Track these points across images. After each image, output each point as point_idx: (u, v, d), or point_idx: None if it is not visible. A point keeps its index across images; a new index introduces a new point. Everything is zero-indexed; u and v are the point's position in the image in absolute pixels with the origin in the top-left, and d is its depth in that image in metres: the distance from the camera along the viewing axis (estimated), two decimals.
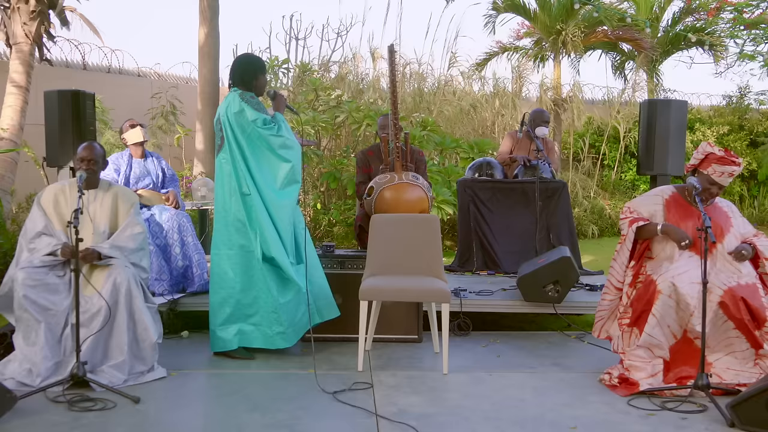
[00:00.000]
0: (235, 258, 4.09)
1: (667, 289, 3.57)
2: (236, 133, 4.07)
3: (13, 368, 3.59)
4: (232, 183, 4.08)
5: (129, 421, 3.19)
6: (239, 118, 4.06)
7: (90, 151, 3.89)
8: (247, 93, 4.14)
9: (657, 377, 3.59)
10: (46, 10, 7.90)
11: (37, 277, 3.65)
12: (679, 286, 3.55)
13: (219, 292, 4.13)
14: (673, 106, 5.75)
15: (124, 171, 5.11)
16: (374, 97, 9.53)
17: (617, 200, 11.36)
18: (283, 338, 4.11)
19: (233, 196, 4.08)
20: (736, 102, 13.84)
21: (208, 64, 8.47)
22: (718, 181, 3.71)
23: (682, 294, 3.54)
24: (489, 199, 6.09)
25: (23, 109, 7.76)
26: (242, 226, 4.07)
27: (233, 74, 4.20)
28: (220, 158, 4.14)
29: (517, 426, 3.18)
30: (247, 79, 4.18)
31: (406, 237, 4.33)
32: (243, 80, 4.18)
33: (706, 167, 3.73)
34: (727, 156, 3.69)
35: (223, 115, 4.12)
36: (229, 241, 4.10)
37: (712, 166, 3.70)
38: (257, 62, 4.30)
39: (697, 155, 3.79)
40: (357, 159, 5.70)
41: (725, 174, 3.70)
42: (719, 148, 3.76)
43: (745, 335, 3.56)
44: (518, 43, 13.21)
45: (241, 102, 4.08)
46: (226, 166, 4.11)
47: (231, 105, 4.09)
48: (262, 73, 4.25)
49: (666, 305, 3.58)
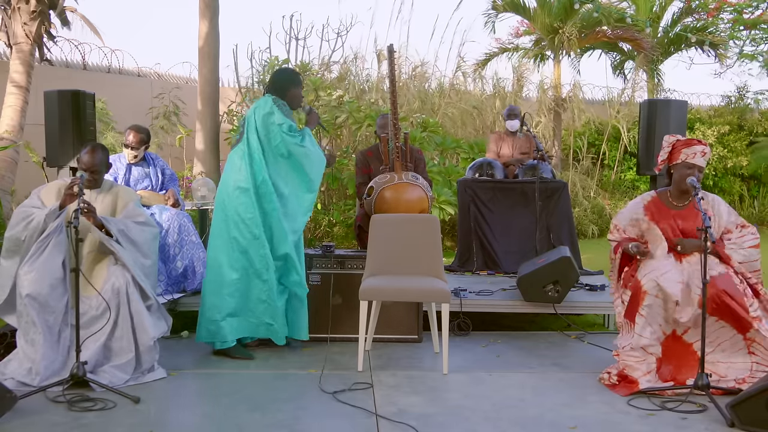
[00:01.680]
0: (229, 250, 4.10)
1: (653, 289, 3.63)
2: (260, 133, 4.10)
3: (13, 367, 3.60)
4: (239, 176, 4.09)
5: (129, 421, 3.19)
6: (267, 119, 4.10)
7: (93, 159, 3.88)
8: (280, 100, 4.19)
9: (652, 374, 3.62)
10: (46, 10, 7.91)
11: (37, 276, 3.65)
12: (664, 285, 3.61)
13: (211, 282, 4.16)
14: (673, 106, 5.75)
15: (123, 175, 5.11)
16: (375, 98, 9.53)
17: (617, 200, 11.36)
18: (268, 330, 4.16)
19: (236, 190, 4.08)
20: (735, 102, 13.84)
21: (208, 64, 8.46)
22: (694, 162, 3.74)
23: (668, 293, 3.59)
24: (489, 199, 6.10)
25: (23, 109, 7.77)
26: (240, 221, 4.07)
27: (270, 83, 4.28)
28: (235, 151, 4.17)
29: (517, 426, 3.18)
30: (282, 88, 4.23)
31: (406, 237, 4.33)
32: (277, 89, 4.23)
33: (677, 156, 3.78)
34: (691, 139, 3.79)
35: (250, 115, 4.15)
36: (227, 234, 4.11)
37: (682, 151, 3.76)
38: (293, 75, 4.38)
39: (664, 150, 3.84)
40: (356, 160, 5.70)
41: (697, 154, 3.74)
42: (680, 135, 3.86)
43: (729, 322, 3.59)
44: (517, 41, 13.21)
45: (273, 105, 4.13)
46: (238, 161, 4.12)
47: (261, 106, 4.14)
48: (295, 86, 4.29)
49: (653, 304, 3.62)
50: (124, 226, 3.86)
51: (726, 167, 12.21)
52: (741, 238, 3.77)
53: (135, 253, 3.86)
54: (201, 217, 6.56)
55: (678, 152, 3.78)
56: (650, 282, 3.64)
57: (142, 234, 3.92)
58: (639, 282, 3.70)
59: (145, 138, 5.20)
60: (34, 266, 3.65)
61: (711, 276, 3.59)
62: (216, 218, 4.19)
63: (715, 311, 3.58)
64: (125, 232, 3.84)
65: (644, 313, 3.63)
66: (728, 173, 12.30)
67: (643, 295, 3.64)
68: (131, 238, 3.86)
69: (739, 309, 3.55)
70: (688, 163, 3.74)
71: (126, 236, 3.84)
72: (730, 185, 12.29)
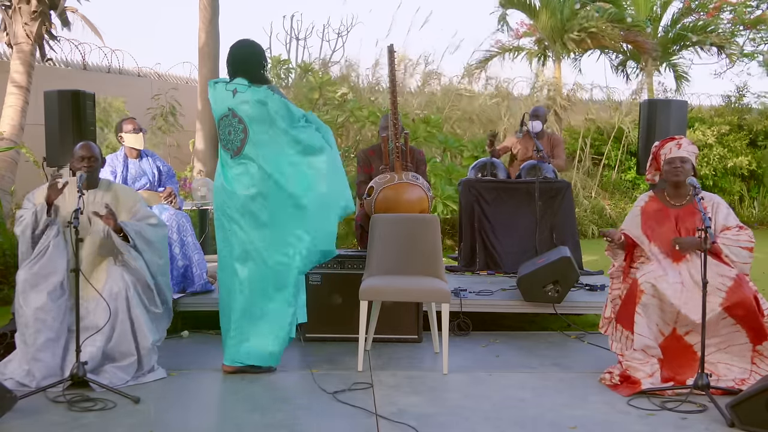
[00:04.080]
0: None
1: (649, 289, 3.64)
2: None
3: (13, 368, 3.60)
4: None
5: (129, 421, 3.19)
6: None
7: (89, 150, 3.89)
8: (276, 88, 3.90)
9: (655, 376, 3.61)
10: (47, 10, 7.92)
11: (37, 277, 3.65)
12: (660, 287, 3.62)
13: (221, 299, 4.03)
14: (673, 106, 5.74)
15: (121, 172, 5.11)
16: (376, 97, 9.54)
17: (617, 200, 11.36)
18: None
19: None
20: (735, 101, 13.84)
21: (208, 64, 8.47)
22: (676, 155, 3.77)
23: (664, 294, 3.60)
24: (492, 200, 6.09)
25: (24, 109, 7.77)
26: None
27: (256, 65, 3.84)
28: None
29: (517, 426, 3.18)
30: (264, 69, 3.92)
31: (406, 237, 4.33)
32: (258, 70, 3.85)
33: (660, 159, 3.85)
34: (665, 139, 3.89)
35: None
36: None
37: (660, 153, 3.85)
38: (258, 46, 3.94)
39: (648, 161, 3.97)
40: (358, 158, 5.70)
41: (672, 148, 3.79)
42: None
43: (747, 329, 3.58)
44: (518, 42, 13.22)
45: (283, 100, 3.80)
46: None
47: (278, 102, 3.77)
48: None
49: (650, 304, 3.63)
50: (140, 228, 3.87)
51: (726, 167, 12.20)
52: (737, 236, 3.76)
53: (150, 254, 3.87)
54: (201, 217, 6.57)
55: (658, 156, 3.86)
56: (646, 283, 3.65)
57: (156, 234, 3.94)
58: (636, 281, 3.71)
59: (140, 125, 5.26)
60: (34, 269, 3.66)
61: (733, 280, 3.59)
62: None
63: (736, 314, 3.57)
64: (142, 234, 3.85)
65: (641, 311, 3.64)
66: (728, 173, 12.30)
67: (640, 294, 3.65)
68: (147, 239, 3.87)
69: (761, 319, 3.55)
70: (668, 159, 3.79)
71: (143, 238, 3.85)
72: (730, 185, 12.28)
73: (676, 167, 3.76)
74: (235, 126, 3.77)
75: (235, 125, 3.77)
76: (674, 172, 3.76)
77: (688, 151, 3.77)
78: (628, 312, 3.71)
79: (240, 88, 3.76)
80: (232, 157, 3.81)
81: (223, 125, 3.82)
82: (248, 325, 3.83)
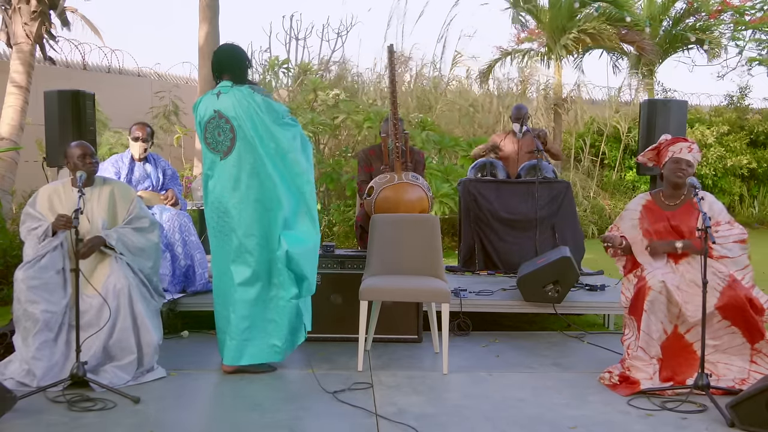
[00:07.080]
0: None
1: (658, 285, 3.64)
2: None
3: (13, 368, 3.59)
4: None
5: (129, 421, 3.19)
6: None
7: (87, 147, 3.90)
8: (259, 88, 3.99)
9: (655, 378, 3.61)
10: (47, 10, 7.92)
11: (36, 276, 3.65)
12: (669, 284, 3.63)
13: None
14: (673, 106, 5.74)
15: (125, 175, 5.11)
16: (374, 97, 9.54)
17: (617, 200, 11.37)
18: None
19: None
20: (736, 101, 13.85)
21: (207, 64, 8.40)
22: (682, 157, 3.76)
23: (672, 292, 3.61)
24: (492, 199, 6.09)
25: (23, 109, 7.77)
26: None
27: (238, 66, 3.95)
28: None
29: (517, 426, 3.18)
30: (246, 70, 4.00)
31: (406, 237, 4.33)
32: (240, 71, 3.94)
33: (665, 154, 3.83)
34: (677, 138, 3.84)
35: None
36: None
37: (669, 149, 3.81)
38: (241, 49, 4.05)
39: (652, 146, 3.93)
40: (358, 158, 5.71)
41: (683, 149, 3.77)
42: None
43: (742, 330, 3.59)
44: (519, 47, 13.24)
45: (265, 99, 3.86)
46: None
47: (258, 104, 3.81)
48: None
49: (657, 300, 3.63)
50: (124, 237, 3.86)
51: (726, 167, 12.21)
52: (729, 231, 3.77)
53: (137, 261, 3.87)
54: (201, 216, 6.57)
55: (665, 150, 3.84)
56: (654, 279, 3.65)
57: (143, 240, 3.92)
58: (644, 278, 3.71)
59: (151, 132, 5.26)
60: (33, 270, 3.65)
61: (727, 280, 3.61)
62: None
63: (729, 315, 3.58)
64: (126, 244, 3.84)
65: (647, 308, 3.64)
66: (728, 173, 12.30)
67: (648, 290, 3.64)
68: (133, 247, 3.87)
69: (755, 318, 3.56)
70: (675, 158, 3.78)
71: (126, 247, 3.84)
72: (730, 185, 12.29)
73: (682, 168, 3.77)
74: (222, 126, 3.81)
75: (222, 126, 3.81)
76: (678, 173, 3.77)
77: (695, 159, 3.80)
78: (637, 306, 3.72)
79: (223, 89, 3.86)
80: (222, 159, 3.83)
81: (210, 128, 3.86)
82: (248, 325, 3.83)
